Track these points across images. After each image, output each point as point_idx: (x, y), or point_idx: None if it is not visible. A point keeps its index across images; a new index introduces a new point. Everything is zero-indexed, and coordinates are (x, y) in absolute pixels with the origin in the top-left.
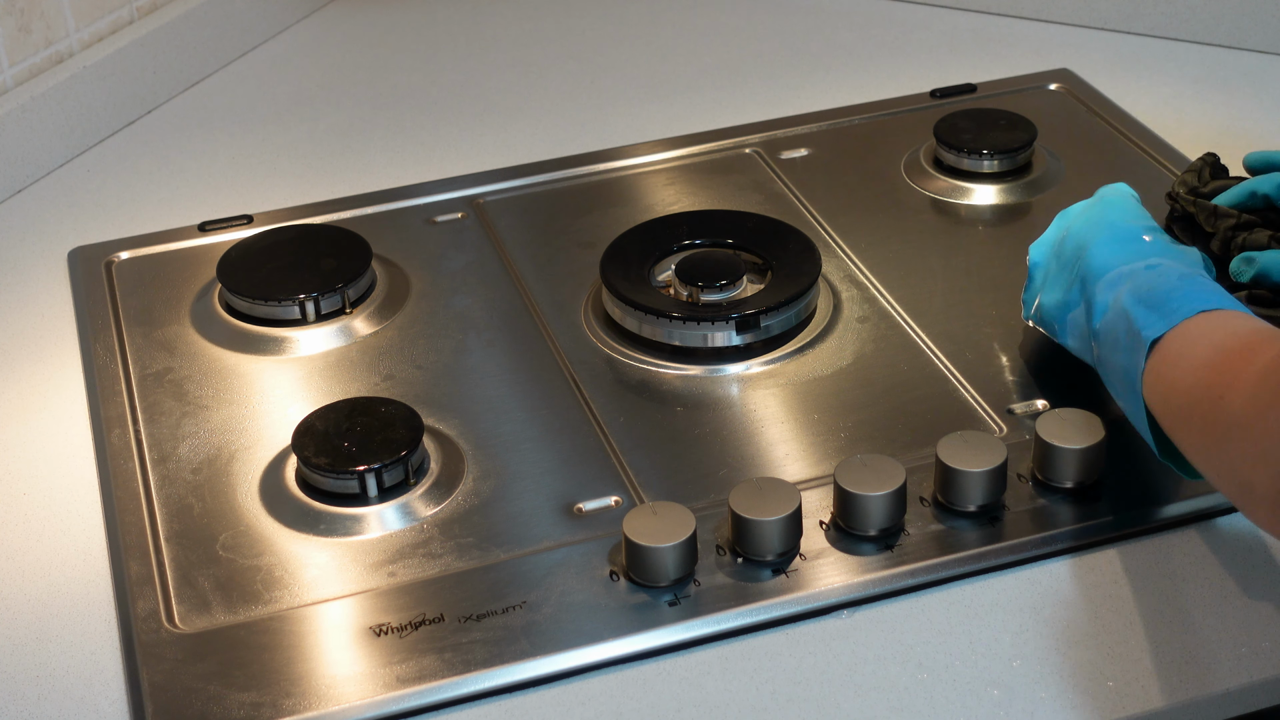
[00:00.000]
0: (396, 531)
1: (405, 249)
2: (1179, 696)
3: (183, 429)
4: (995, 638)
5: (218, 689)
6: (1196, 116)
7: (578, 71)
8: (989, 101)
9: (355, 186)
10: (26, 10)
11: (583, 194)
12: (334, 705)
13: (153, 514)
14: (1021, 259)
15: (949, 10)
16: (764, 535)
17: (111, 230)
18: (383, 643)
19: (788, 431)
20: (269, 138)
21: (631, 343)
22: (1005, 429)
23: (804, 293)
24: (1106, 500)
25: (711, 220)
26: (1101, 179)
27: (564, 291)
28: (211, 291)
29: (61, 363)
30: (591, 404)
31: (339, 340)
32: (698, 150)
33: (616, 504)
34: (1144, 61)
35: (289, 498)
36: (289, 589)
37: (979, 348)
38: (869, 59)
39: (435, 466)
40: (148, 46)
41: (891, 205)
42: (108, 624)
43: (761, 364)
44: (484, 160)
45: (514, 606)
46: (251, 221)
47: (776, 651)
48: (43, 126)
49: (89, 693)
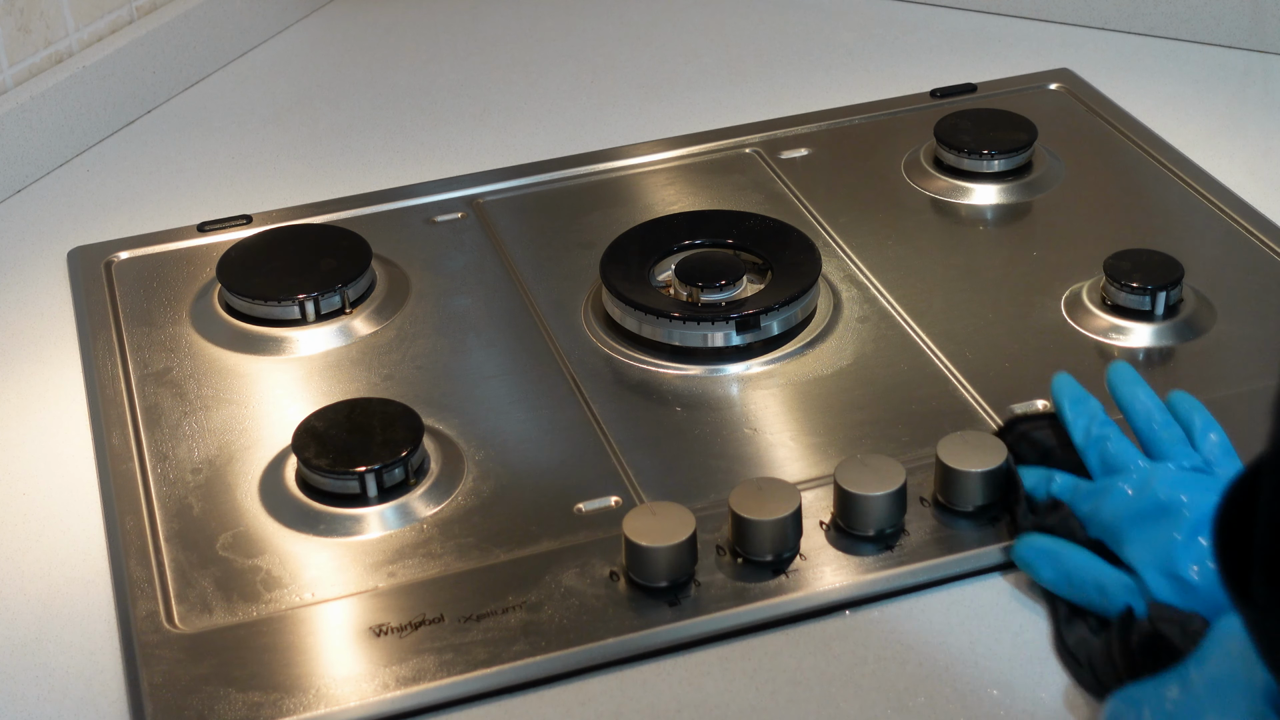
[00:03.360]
0: (396, 532)
1: (405, 249)
2: None
3: (183, 429)
4: (995, 638)
5: (218, 689)
6: (1196, 116)
7: (578, 71)
8: (989, 101)
9: (355, 186)
10: (26, 10)
11: (583, 194)
12: (334, 705)
13: (152, 514)
14: (1022, 259)
15: (949, 10)
16: (764, 535)
17: (111, 230)
18: (382, 643)
19: (788, 431)
20: (268, 138)
21: (631, 343)
22: None
23: (804, 293)
24: None
25: (711, 220)
26: (1101, 179)
27: (564, 291)
28: (211, 291)
29: (61, 363)
30: (591, 404)
31: (339, 340)
32: (698, 150)
33: (616, 504)
34: (1144, 61)
35: (289, 498)
36: (289, 589)
37: (979, 348)
38: (869, 59)
39: (435, 467)
40: (147, 46)
41: (891, 205)
42: (107, 624)
43: (761, 364)
44: (484, 160)
45: (514, 606)
46: (251, 221)
47: (776, 651)
48: (42, 126)
49: (89, 693)
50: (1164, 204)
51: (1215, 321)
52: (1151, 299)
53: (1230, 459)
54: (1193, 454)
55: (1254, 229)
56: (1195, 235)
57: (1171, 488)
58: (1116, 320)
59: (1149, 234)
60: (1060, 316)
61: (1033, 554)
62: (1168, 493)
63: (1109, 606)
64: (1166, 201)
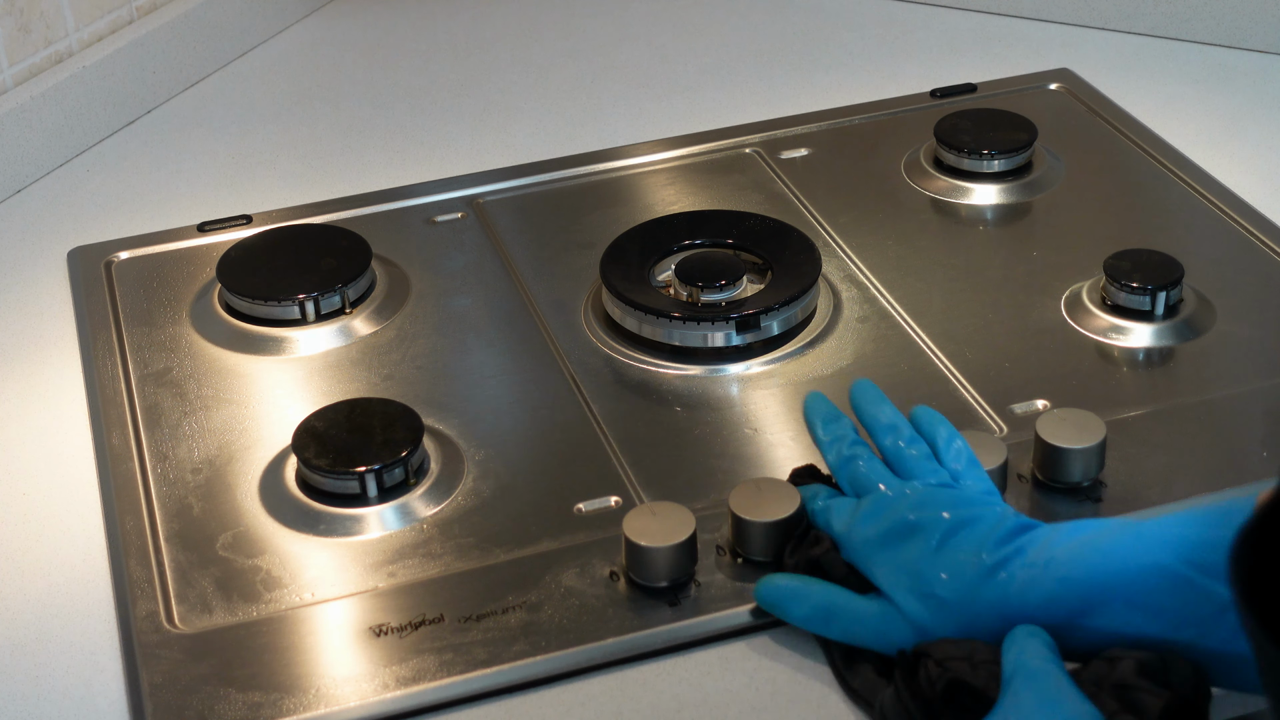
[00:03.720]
0: (396, 532)
1: (405, 249)
2: None
3: (183, 429)
4: None
5: (217, 689)
6: (1196, 116)
7: (578, 71)
8: (989, 101)
9: (355, 186)
10: (26, 10)
11: (583, 194)
12: (334, 705)
13: (152, 514)
14: (1022, 259)
15: (949, 10)
16: (764, 535)
17: (111, 230)
18: (382, 643)
19: (788, 431)
20: (269, 138)
21: (631, 343)
22: (1005, 429)
23: (804, 293)
24: (1107, 500)
25: (711, 220)
26: (1101, 179)
27: (564, 291)
28: (211, 291)
29: (61, 363)
30: (591, 404)
31: (339, 340)
32: (698, 150)
33: (616, 504)
34: (1144, 61)
35: (289, 498)
36: (289, 589)
37: (979, 348)
38: (869, 59)
39: (435, 467)
40: (147, 46)
41: (891, 205)
42: (107, 624)
43: (761, 364)
44: (484, 160)
45: (514, 606)
46: (251, 221)
47: (776, 651)
48: (42, 126)
49: (88, 693)
50: (1164, 204)
51: (1215, 321)
52: (1151, 299)
53: (974, 469)
54: (938, 469)
55: (1254, 229)
56: (1195, 235)
57: (917, 507)
58: (1116, 320)
59: (1149, 234)
60: (1060, 316)
61: (776, 595)
62: (914, 513)
63: (872, 639)
64: (1166, 201)
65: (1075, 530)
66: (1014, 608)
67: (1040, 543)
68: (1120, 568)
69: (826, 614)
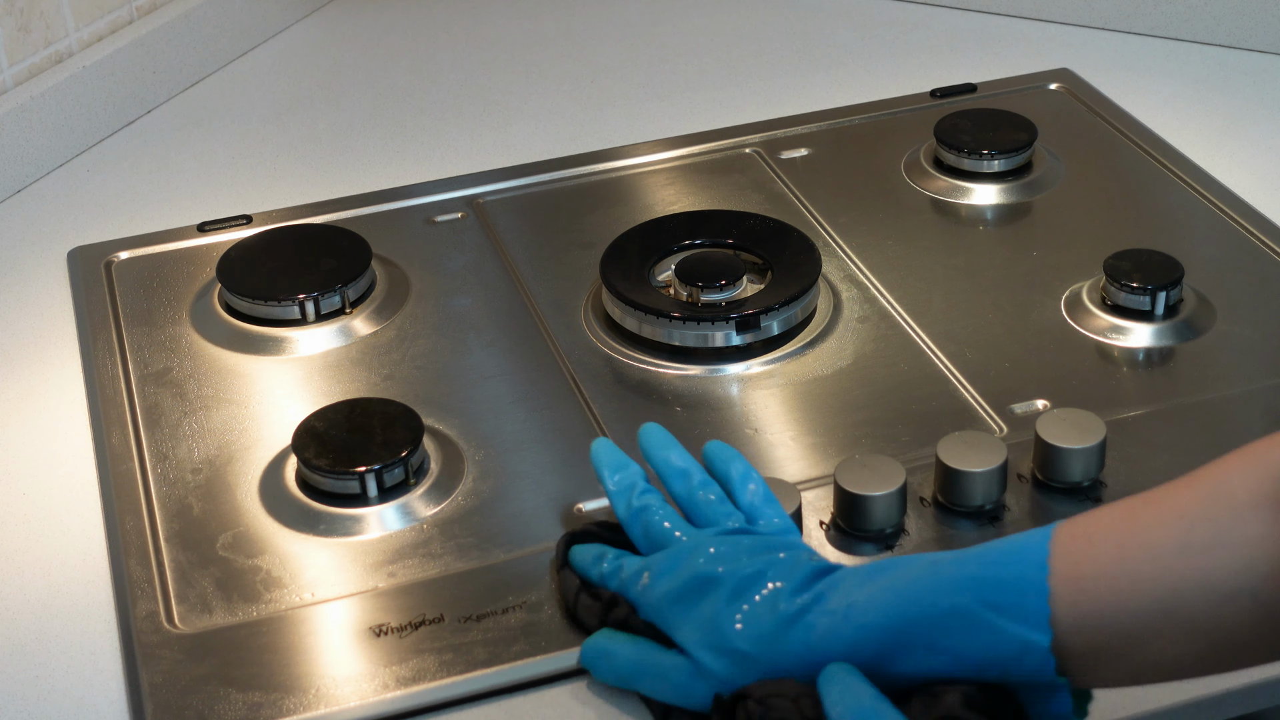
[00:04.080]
0: (396, 532)
1: (405, 249)
2: (1180, 696)
3: (183, 429)
4: None
5: (217, 689)
6: (1196, 116)
7: (578, 71)
8: (989, 101)
9: (355, 186)
10: (26, 10)
11: (583, 194)
12: (334, 705)
13: (152, 514)
14: (1022, 259)
15: (949, 10)
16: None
17: (111, 230)
18: (382, 643)
19: (788, 431)
20: (269, 138)
21: (631, 343)
22: (1005, 429)
23: (804, 293)
24: (1106, 500)
25: (711, 220)
26: (1101, 179)
27: (564, 291)
28: (211, 291)
29: (61, 363)
30: (591, 404)
31: (339, 340)
32: (698, 150)
33: None
34: (1144, 61)
35: (289, 498)
36: (289, 589)
37: (979, 348)
38: (869, 59)
39: (435, 467)
40: (147, 46)
41: (891, 205)
42: (107, 625)
43: (761, 364)
44: (484, 160)
45: (514, 607)
46: (251, 221)
47: None
48: (42, 126)
49: (88, 693)
50: (1164, 204)
51: (1215, 321)
52: (1151, 299)
53: (771, 505)
54: (734, 511)
55: (1254, 229)
56: (1195, 235)
57: (711, 560)
58: (1116, 320)
59: (1149, 234)
60: (1060, 316)
61: (591, 654)
62: (708, 564)
63: (677, 696)
64: (1166, 201)
65: (874, 572)
66: (818, 656)
67: (840, 588)
68: (920, 614)
69: (634, 672)
